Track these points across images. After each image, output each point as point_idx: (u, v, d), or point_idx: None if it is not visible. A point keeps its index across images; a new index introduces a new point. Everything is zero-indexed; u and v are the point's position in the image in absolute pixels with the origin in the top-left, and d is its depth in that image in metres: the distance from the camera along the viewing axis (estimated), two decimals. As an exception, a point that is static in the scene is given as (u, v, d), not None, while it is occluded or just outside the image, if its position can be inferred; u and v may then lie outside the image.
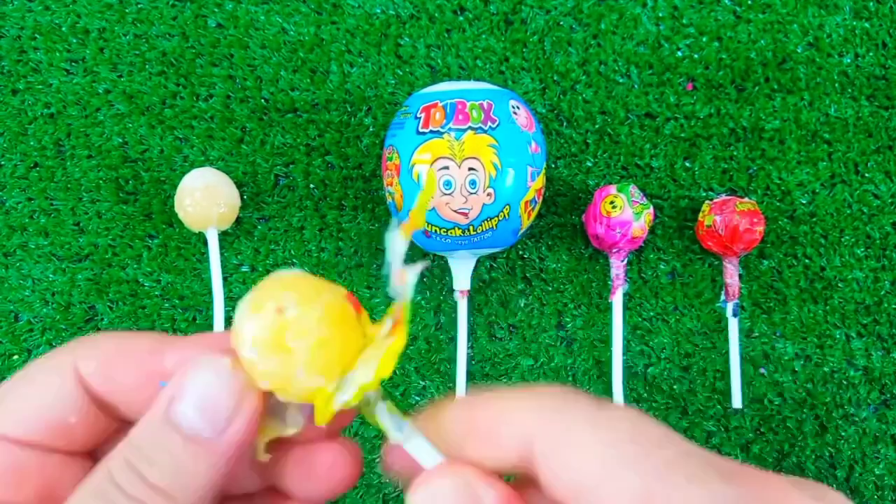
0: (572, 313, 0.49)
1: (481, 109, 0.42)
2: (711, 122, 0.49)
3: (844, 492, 0.47)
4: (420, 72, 0.50)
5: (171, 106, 0.50)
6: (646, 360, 0.48)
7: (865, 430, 0.47)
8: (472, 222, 0.42)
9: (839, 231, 0.48)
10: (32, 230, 0.50)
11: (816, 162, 0.49)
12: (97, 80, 0.51)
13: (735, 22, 0.50)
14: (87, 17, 0.51)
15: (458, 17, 0.50)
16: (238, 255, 0.49)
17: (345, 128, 0.50)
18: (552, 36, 0.50)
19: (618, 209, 0.45)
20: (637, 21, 0.50)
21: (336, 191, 0.50)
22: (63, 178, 0.50)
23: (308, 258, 0.49)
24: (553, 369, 0.48)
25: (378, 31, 0.50)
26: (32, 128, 0.51)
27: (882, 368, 0.47)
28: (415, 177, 0.41)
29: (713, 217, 0.46)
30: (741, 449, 0.47)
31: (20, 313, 0.50)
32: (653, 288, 0.48)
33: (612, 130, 0.49)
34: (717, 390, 0.48)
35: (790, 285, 0.48)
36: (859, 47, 0.49)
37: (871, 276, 0.48)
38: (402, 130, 0.42)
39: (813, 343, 0.48)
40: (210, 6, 0.51)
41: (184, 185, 0.47)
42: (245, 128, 0.50)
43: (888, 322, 0.48)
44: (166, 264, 0.50)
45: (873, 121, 0.49)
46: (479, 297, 0.49)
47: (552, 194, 0.49)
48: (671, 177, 0.49)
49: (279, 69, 0.50)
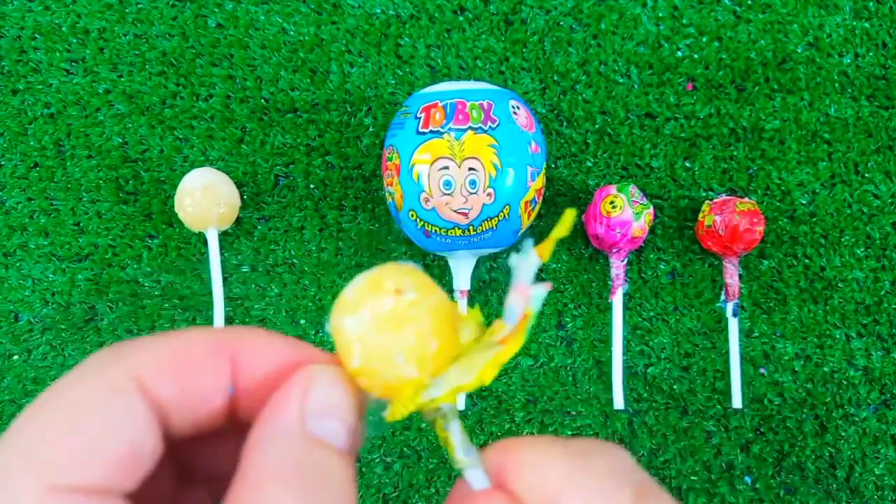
0: (572, 313, 0.49)
1: (481, 109, 0.42)
2: (711, 122, 0.49)
3: (844, 492, 0.47)
4: (420, 72, 0.50)
5: (171, 106, 0.50)
6: (646, 360, 0.48)
7: (865, 430, 0.47)
8: (473, 222, 0.42)
9: (839, 231, 0.48)
10: (32, 230, 0.50)
11: (816, 162, 0.49)
12: (97, 80, 0.51)
13: (735, 22, 0.50)
14: (87, 17, 0.51)
15: (458, 17, 0.50)
16: (238, 255, 0.49)
17: (345, 128, 0.50)
18: (552, 36, 0.50)
19: (618, 209, 0.45)
20: (637, 21, 0.50)
21: (336, 191, 0.50)
22: (63, 178, 0.50)
23: (308, 258, 0.49)
24: (553, 369, 0.48)
25: (378, 31, 0.50)
26: (32, 128, 0.51)
27: (882, 368, 0.47)
28: (415, 177, 0.41)
29: (713, 217, 0.46)
30: (741, 449, 0.47)
31: (20, 313, 0.50)
32: (653, 288, 0.48)
33: (612, 130, 0.49)
34: (717, 390, 0.48)
35: (790, 285, 0.48)
36: (859, 47, 0.49)
37: (871, 276, 0.48)
38: (402, 130, 0.42)
39: (813, 343, 0.48)
40: (210, 6, 0.51)
41: (184, 185, 0.47)
42: (245, 128, 0.50)
43: (888, 322, 0.48)
44: (166, 264, 0.50)
45: (873, 121, 0.49)
46: (480, 297, 0.49)
47: (552, 194, 0.49)
48: (671, 177, 0.49)
49: (279, 69, 0.50)
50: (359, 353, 0.17)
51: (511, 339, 0.18)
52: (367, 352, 0.17)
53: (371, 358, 0.17)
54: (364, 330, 0.17)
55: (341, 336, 0.18)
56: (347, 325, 0.17)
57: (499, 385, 0.48)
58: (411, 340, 0.17)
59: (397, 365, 0.17)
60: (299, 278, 0.49)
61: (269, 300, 0.49)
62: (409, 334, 0.17)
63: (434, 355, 0.18)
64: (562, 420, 0.48)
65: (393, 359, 0.17)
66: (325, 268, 0.49)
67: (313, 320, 0.49)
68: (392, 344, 0.17)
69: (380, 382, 0.18)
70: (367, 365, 0.18)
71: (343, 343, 0.18)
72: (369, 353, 0.17)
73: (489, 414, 0.48)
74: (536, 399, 0.48)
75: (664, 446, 0.47)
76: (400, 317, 0.17)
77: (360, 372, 0.18)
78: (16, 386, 0.49)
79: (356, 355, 0.17)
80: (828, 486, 0.47)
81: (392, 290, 0.18)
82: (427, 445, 0.48)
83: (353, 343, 0.17)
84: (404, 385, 0.18)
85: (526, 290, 0.18)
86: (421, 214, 0.42)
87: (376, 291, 0.18)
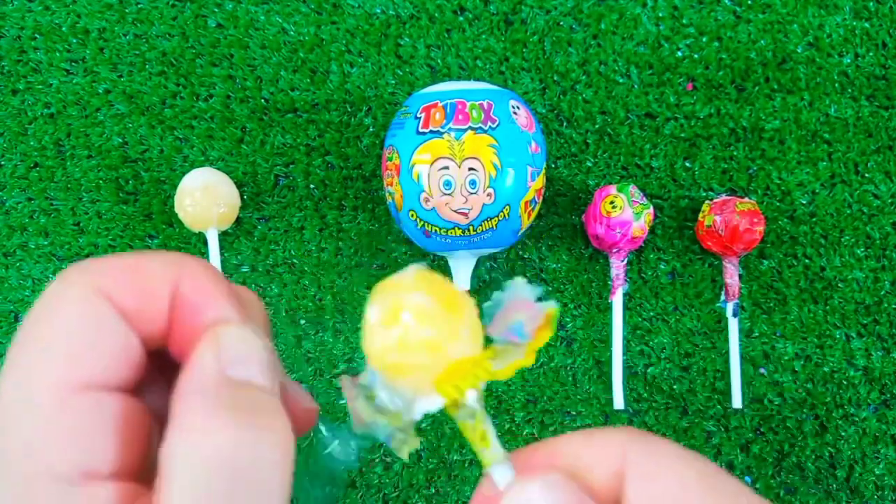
0: (572, 313, 0.49)
1: (481, 109, 0.42)
2: (711, 122, 0.49)
3: (844, 492, 0.47)
4: (420, 72, 0.50)
5: (171, 106, 0.50)
6: (646, 360, 0.48)
7: (865, 430, 0.47)
8: (472, 222, 0.42)
9: (839, 231, 0.48)
10: (32, 230, 0.50)
11: (816, 162, 0.49)
12: (97, 80, 0.51)
13: (735, 22, 0.50)
14: (87, 17, 0.51)
15: (458, 17, 0.50)
16: (238, 255, 0.49)
17: (345, 128, 0.50)
18: (552, 36, 0.50)
19: (618, 209, 0.45)
20: (637, 21, 0.50)
21: (336, 191, 0.50)
22: (63, 178, 0.50)
23: (308, 258, 0.49)
24: (553, 369, 0.48)
25: (378, 31, 0.50)
26: (32, 128, 0.51)
27: (882, 368, 0.47)
28: (415, 177, 0.41)
29: (713, 217, 0.46)
30: (741, 449, 0.47)
31: (20, 313, 0.50)
32: (653, 288, 0.48)
33: (612, 130, 0.49)
34: (717, 390, 0.48)
35: (790, 285, 0.48)
36: (859, 47, 0.49)
37: (871, 276, 0.48)
38: (402, 130, 0.42)
39: (813, 343, 0.48)
40: (210, 6, 0.51)
41: (184, 185, 0.47)
42: (245, 128, 0.50)
43: (888, 322, 0.48)
44: (166, 264, 0.49)
45: (873, 121, 0.49)
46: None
47: (552, 194, 0.49)
48: (671, 177, 0.49)
49: (279, 69, 0.50)
50: (425, 328, 0.18)
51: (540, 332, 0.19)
52: (435, 326, 0.18)
53: (439, 332, 0.18)
54: (431, 306, 0.18)
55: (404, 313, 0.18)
56: (414, 299, 0.18)
57: (499, 385, 0.48)
58: (470, 320, 0.19)
59: (463, 340, 0.18)
60: (299, 278, 0.49)
61: (269, 300, 0.49)
62: (466, 315, 0.19)
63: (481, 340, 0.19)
64: (562, 420, 0.48)
65: (459, 333, 0.18)
66: (325, 268, 0.49)
67: (313, 320, 0.49)
68: (457, 320, 0.19)
69: (444, 359, 0.18)
70: (434, 341, 0.18)
71: (405, 320, 0.18)
72: (437, 328, 0.18)
73: (489, 414, 0.48)
74: (536, 399, 0.48)
75: (664, 446, 0.47)
76: (457, 299, 0.19)
77: (426, 345, 0.18)
78: (16, 386, 0.49)
79: (424, 328, 0.18)
80: (828, 486, 0.47)
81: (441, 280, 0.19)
82: (427, 445, 0.48)
83: (420, 317, 0.18)
84: (467, 361, 0.18)
85: (531, 306, 0.19)
86: (421, 214, 0.42)
87: (430, 278, 0.19)
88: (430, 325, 0.18)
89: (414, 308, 0.18)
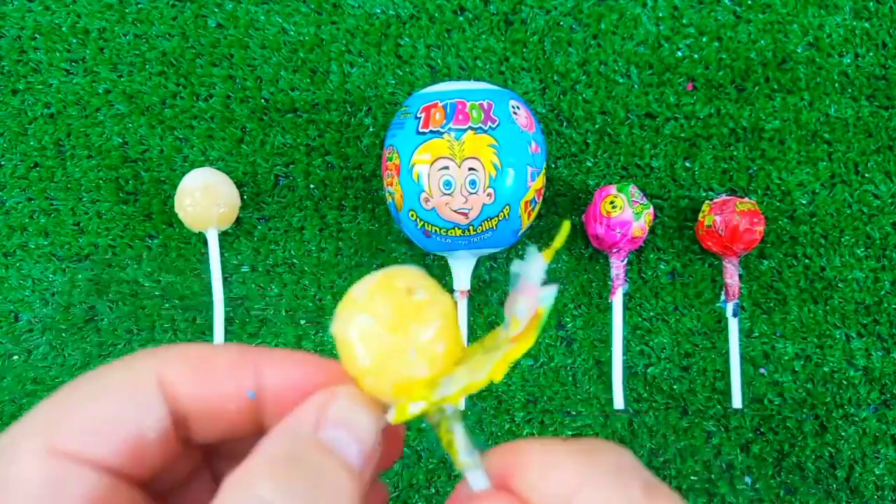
0: (572, 313, 0.49)
1: (481, 109, 0.42)
2: (711, 122, 0.49)
3: (844, 492, 0.47)
4: (420, 72, 0.50)
5: (171, 106, 0.50)
6: (646, 360, 0.48)
7: (865, 430, 0.47)
8: (472, 222, 0.42)
9: (839, 231, 0.48)
10: (32, 230, 0.50)
11: (816, 162, 0.49)
12: (97, 80, 0.51)
13: (735, 22, 0.50)
14: (87, 17, 0.51)
15: (458, 17, 0.50)
16: (238, 255, 0.49)
17: (345, 128, 0.50)
18: (552, 36, 0.50)
19: (618, 209, 0.45)
20: (637, 21, 0.50)
21: (336, 191, 0.50)
22: (63, 178, 0.50)
23: (308, 258, 0.49)
24: (553, 369, 0.48)
25: (378, 31, 0.50)
26: (32, 128, 0.51)
27: (882, 368, 0.47)
28: (415, 177, 0.41)
29: (713, 217, 0.46)
30: (741, 449, 0.47)
31: (20, 313, 0.50)
32: (653, 288, 0.48)
33: (612, 130, 0.49)
34: (717, 390, 0.48)
35: (790, 285, 0.48)
36: (859, 47, 0.49)
37: (871, 276, 0.48)
38: (402, 130, 0.42)
39: (813, 343, 0.48)
40: (210, 6, 0.51)
41: (184, 185, 0.47)
42: (245, 128, 0.50)
43: (888, 322, 0.48)
44: (166, 264, 0.50)
45: (873, 121, 0.49)
46: (480, 297, 0.49)
47: (552, 194, 0.49)
48: (671, 177, 0.49)
49: (279, 69, 0.50)
50: (369, 352, 0.18)
51: (522, 338, 0.18)
52: (379, 350, 0.17)
53: (382, 356, 0.17)
54: (376, 327, 0.17)
55: (350, 334, 0.18)
56: (359, 321, 0.18)
57: (499, 385, 0.48)
58: (422, 339, 0.18)
59: (410, 362, 0.17)
60: (299, 278, 0.49)
61: (269, 300, 0.49)
62: (419, 333, 0.18)
63: (442, 356, 0.18)
64: (562, 420, 0.48)
65: (405, 356, 0.17)
66: (325, 268, 0.49)
67: (313, 320, 0.49)
68: (404, 342, 0.17)
69: (389, 382, 0.18)
70: (379, 363, 0.18)
71: (351, 341, 0.18)
72: (381, 351, 0.17)
73: (489, 414, 0.48)
74: (536, 399, 0.48)
75: (664, 446, 0.47)
76: (412, 315, 0.18)
77: (370, 371, 0.18)
78: (16, 386, 0.49)
79: (366, 354, 0.18)
80: (828, 486, 0.47)
81: (404, 290, 0.18)
82: (427, 445, 0.48)
83: (364, 340, 0.18)
84: (415, 384, 0.18)
85: (535, 290, 0.18)
86: (421, 214, 0.42)
87: (388, 290, 0.18)
88: (370, 350, 0.17)
89: (359, 331, 0.18)
